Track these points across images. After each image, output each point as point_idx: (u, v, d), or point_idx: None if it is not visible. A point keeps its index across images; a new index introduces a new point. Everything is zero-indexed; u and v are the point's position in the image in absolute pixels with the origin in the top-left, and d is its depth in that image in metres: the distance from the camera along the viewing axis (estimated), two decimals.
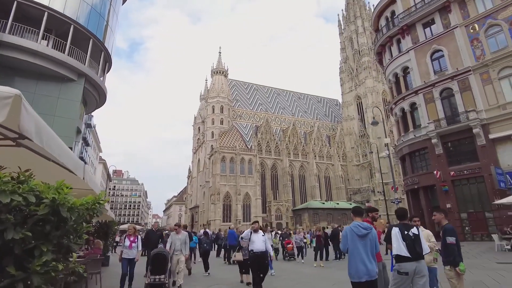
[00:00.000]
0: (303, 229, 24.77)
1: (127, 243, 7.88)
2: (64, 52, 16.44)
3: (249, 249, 7.44)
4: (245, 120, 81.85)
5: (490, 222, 19.37)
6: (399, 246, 4.39)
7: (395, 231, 4.56)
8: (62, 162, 2.85)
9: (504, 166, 18.88)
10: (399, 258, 4.37)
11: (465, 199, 20.73)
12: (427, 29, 24.82)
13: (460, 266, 4.54)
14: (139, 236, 8.43)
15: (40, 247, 1.94)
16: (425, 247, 4.44)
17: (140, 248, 8.10)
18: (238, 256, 8.56)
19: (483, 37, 21.18)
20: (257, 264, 7.30)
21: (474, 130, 20.06)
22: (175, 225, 8.71)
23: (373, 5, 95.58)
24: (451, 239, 4.67)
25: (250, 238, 7.51)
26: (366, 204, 70.44)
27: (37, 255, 1.92)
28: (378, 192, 65.39)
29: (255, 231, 7.58)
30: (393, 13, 27.97)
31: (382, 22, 29.44)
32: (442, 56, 23.39)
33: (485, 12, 21.37)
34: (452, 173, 21.17)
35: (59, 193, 2.07)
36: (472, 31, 21.81)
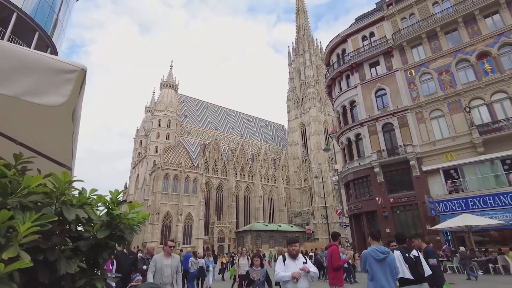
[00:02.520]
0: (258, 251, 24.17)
1: None
2: None
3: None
4: (193, 137, 79.83)
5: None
6: (402, 269, 4.45)
7: (397, 254, 4.64)
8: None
9: (434, 196, 21.36)
10: (403, 282, 4.41)
11: (402, 224, 22.72)
12: (373, 69, 27.71)
13: (445, 286, 4.73)
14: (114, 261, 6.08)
15: (95, 284, 1.36)
16: (427, 269, 4.57)
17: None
18: None
19: (418, 82, 24.41)
20: None
21: (411, 162, 22.48)
22: (168, 242, 5.88)
23: (320, 42, 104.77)
24: (433, 261, 4.90)
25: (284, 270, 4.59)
26: (306, 227, 72.88)
27: None
28: (321, 215, 68.28)
29: (293, 256, 4.62)
30: (343, 51, 30.71)
31: (334, 58, 32.07)
32: (385, 94, 26.18)
33: (420, 61, 24.81)
34: (391, 200, 23.16)
35: (115, 207, 1.52)
36: (409, 75, 25.01)
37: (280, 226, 70.44)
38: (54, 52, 17.54)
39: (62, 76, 1.36)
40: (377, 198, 23.64)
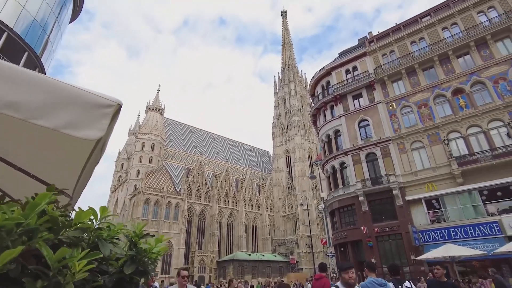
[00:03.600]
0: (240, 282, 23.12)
1: None
2: None
3: None
4: (177, 161, 78.66)
5: (407, 276, 21.29)
6: None
7: (389, 287, 4.63)
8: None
9: (417, 225, 21.64)
10: None
11: (387, 254, 22.69)
12: (356, 101, 28.87)
13: None
14: None
15: None
16: None
17: None
18: None
19: (399, 114, 25.55)
20: None
21: (394, 192, 22.92)
22: (181, 272, 4.77)
23: (305, 73, 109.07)
24: None
25: None
26: (290, 257, 71.19)
27: None
28: (306, 244, 67.15)
29: (351, 287, 3.64)
30: (328, 83, 32.01)
31: (319, 89, 33.28)
32: (368, 125, 27.13)
33: (400, 94, 26.15)
34: (376, 229, 23.24)
35: (138, 239, 1.49)
36: (391, 108, 26.19)
37: (263, 255, 68.49)
38: (42, 72, 17.31)
39: (100, 111, 1.39)
40: (362, 227, 23.67)
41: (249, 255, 65.86)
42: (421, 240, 21.01)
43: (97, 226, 1.22)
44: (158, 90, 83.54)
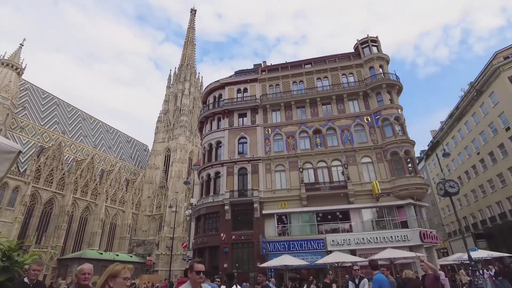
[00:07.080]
0: None
1: None
2: None
3: None
4: (28, 135, 64.43)
5: (251, 281, 24.36)
6: None
7: None
8: None
9: (267, 236, 25.21)
10: None
11: (239, 260, 25.31)
12: (241, 119, 31.59)
13: None
14: None
15: None
16: None
17: None
18: None
19: (272, 139, 29.48)
20: None
21: (255, 205, 26.09)
22: (194, 265, 3.25)
23: (202, 76, 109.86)
24: None
25: None
26: (148, 258, 68.35)
27: None
28: (166, 247, 65.77)
29: None
30: (220, 95, 33.83)
31: (211, 99, 34.70)
32: (246, 142, 30.06)
33: (276, 123, 30.27)
34: (233, 237, 25.72)
35: (14, 253, 1.91)
36: (267, 132, 29.94)
37: (117, 255, 63.14)
38: None
39: (3, 156, 1.81)
40: (222, 234, 25.74)
41: (101, 254, 59.61)
42: (268, 249, 24.52)
43: None
44: (21, 45, 67.17)
